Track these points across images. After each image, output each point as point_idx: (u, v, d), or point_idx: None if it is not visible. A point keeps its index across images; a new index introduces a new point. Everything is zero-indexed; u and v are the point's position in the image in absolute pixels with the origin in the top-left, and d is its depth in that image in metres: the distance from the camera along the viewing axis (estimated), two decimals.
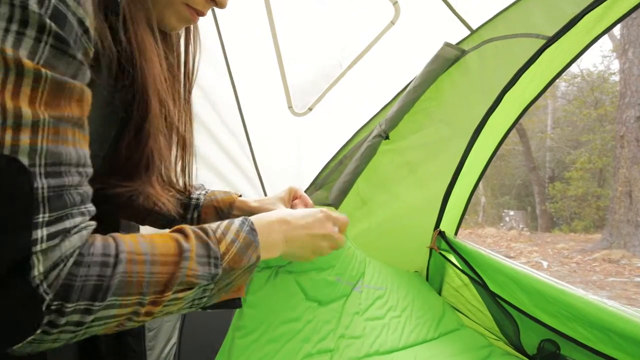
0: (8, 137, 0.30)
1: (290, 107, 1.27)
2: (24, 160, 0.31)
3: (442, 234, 1.29)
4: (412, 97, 1.22)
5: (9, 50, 0.29)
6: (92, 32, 0.35)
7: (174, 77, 0.58)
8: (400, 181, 1.37)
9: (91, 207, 0.38)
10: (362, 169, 1.38)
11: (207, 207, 0.74)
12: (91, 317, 0.35)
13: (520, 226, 8.68)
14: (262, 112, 1.15)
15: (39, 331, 0.33)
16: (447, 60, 1.16)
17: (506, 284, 1.09)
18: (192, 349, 1.14)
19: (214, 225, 0.47)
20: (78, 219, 0.36)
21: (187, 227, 0.45)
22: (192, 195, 0.74)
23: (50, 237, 0.33)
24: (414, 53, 1.19)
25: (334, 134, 1.36)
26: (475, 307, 1.22)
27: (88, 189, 0.38)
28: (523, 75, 1.01)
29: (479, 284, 1.16)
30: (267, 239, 0.51)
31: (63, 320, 0.34)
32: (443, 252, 1.30)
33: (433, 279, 1.37)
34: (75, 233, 0.35)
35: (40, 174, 0.32)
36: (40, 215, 0.32)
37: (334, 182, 1.45)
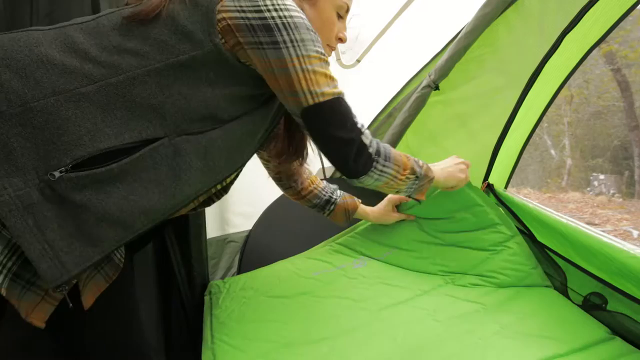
0: (337, 89, 0.67)
1: (338, 59, 1.30)
2: (343, 98, 0.69)
3: (490, 187, 1.27)
4: (464, 44, 1.18)
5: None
6: None
7: None
8: (450, 134, 1.35)
9: None
10: (410, 121, 1.38)
11: (339, 206, 1.10)
12: (384, 169, 0.74)
13: (611, 192, 7.80)
14: None
15: (372, 169, 0.73)
16: (504, 1, 1.09)
17: (554, 236, 1.07)
18: None
19: (413, 158, 0.83)
20: (360, 118, 0.71)
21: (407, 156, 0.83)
22: (332, 196, 1.10)
23: (362, 126, 0.71)
24: None
25: (383, 86, 1.37)
26: None
27: None
28: (586, 15, 0.93)
29: (526, 234, 1.15)
30: (434, 169, 0.88)
31: (377, 166, 0.73)
32: None
33: None
34: (365, 126, 0.72)
35: (346, 102, 0.69)
36: (355, 118, 0.70)
37: (383, 135, 1.47)
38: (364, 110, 1.43)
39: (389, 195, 1.16)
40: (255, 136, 0.74)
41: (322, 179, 1.14)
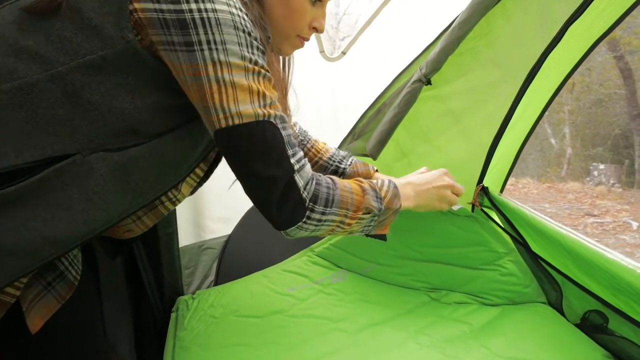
0: (265, 110, 0.54)
1: (321, 51, 1.20)
2: (274, 122, 0.55)
3: (484, 190, 1.18)
4: (458, 35, 1.07)
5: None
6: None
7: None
8: (443, 132, 1.26)
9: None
10: (401, 117, 1.28)
11: (349, 176, 0.97)
12: (324, 218, 0.60)
13: (611, 182, 7.73)
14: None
15: (303, 220, 0.58)
16: None
17: (551, 247, 0.99)
18: None
19: (374, 180, 0.70)
20: (301, 153, 0.59)
21: (361, 179, 0.69)
22: (340, 165, 0.98)
23: (297, 162, 0.57)
24: None
25: (371, 80, 1.27)
26: None
27: None
28: (592, 4, 0.83)
29: (520, 243, 1.06)
30: (403, 193, 0.72)
31: (313, 215, 0.59)
32: (485, 209, 1.20)
33: None
34: (306, 163, 0.60)
35: (281, 128, 0.56)
36: (289, 151, 0.56)
37: (372, 132, 1.38)
38: (351, 106, 1.33)
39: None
40: (196, 149, 0.63)
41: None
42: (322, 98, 1.32)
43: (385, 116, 1.32)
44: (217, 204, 1.20)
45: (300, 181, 0.57)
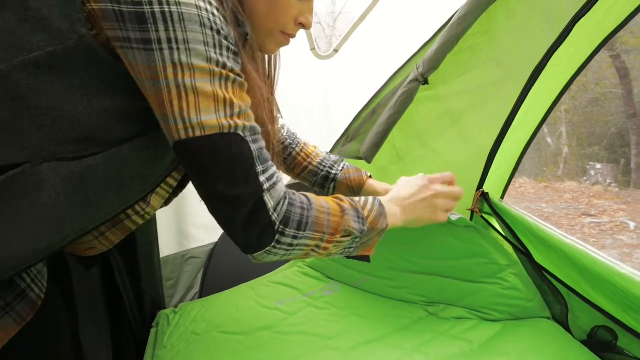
0: (233, 121, 0.47)
1: (313, 49, 1.13)
2: (243, 134, 0.49)
3: (485, 196, 1.12)
4: (457, 32, 1.01)
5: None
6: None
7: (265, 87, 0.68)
8: (441, 134, 1.20)
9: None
10: (396, 119, 1.22)
11: (341, 183, 0.90)
12: (296, 242, 0.54)
13: (608, 181, 7.73)
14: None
15: (272, 244, 0.51)
16: None
17: (556, 258, 0.93)
18: None
19: (357, 198, 0.63)
20: (274, 169, 0.53)
21: (342, 196, 0.62)
22: (331, 171, 0.90)
23: (267, 180, 0.51)
24: None
25: (365, 79, 1.20)
26: None
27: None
28: None
29: (523, 253, 1.00)
30: (389, 211, 0.65)
31: (283, 240, 0.52)
32: (485, 216, 1.14)
33: None
34: (279, 181, 0.53)
35: (251, 141, 0.50)
36: (258, 167, 0.50)
37: (367, 134, 1.31)
38: (343, 106, 1.27)
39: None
40: (164, 157, 0.57)
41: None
42: (314, 98, 1.25)
43: (380, 117, 1.26)
44: (202, 210, 1.12)
45: (270, 202, 0.51)
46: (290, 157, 0.91)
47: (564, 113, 9.94)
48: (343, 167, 0.92)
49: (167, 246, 1.10)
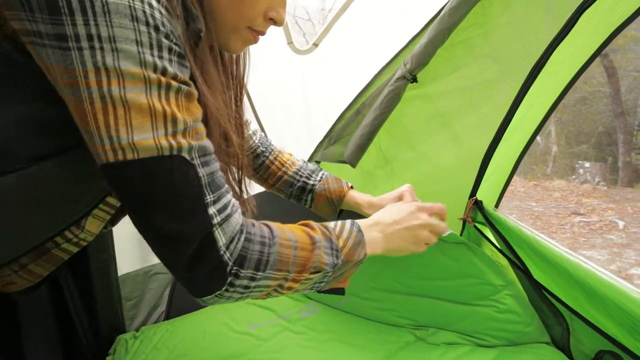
0: (176, 140, 0.38)
1: (290, 42, 1.02)
2: (188, 157, 0.39)
3: (478, 204, 1.03)
4: (448, 24, 0.91)
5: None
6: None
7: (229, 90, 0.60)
8: (431, 136, 1.11)
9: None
10: (383, 119, 1.12)
11: (320, 194, 0.81)
12: (254, 284, 0.45)
13: (596, 180, 7.80)
14: (255, 50, 0.94)
15: (223, 288, 0.43)
16: None
17: (557, 275, 0.84)
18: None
19: (331, 224, 0.55)
20: (229, 196, 0.44)
21: (313, 223, 0.54)
22: (308, 181, 0.82)
23: (219, 211, 0.42)
24: None
25: (349, 76, 1.10)
26: None
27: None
28: None
29: (520, 269, 0.91)
30: (369, 238, 0.58)
31: (237, 282, 0.44)
32: (478, 226, 1.05)
33: None
34: (234, 211, 0.44)
35: (200, 164, 0.40)
36: (208, 197, 0.41)
37: (351, 136, 1.22)
38: (325, 105, 1.16)
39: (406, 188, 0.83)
40: (99, 177, 0.46)
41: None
42: (292, 96, 1.15)
43: (365, 118, 1.16)
44: None
45: (221, 238, 0.41)
46: (262, 166, 0.81)
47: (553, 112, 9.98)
48: (322, 177, 0.83)
49: (127, 263, 0.98)
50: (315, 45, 1.02)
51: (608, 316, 0.76)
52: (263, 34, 0.53)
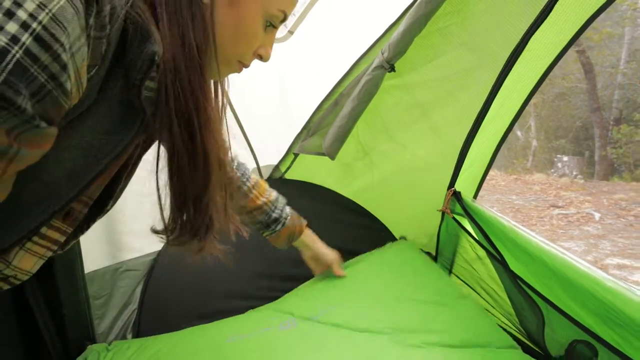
0: None
1: None
2: None
3: (456, 195, 1.02)
4: (425, 11, 0.89)
5: None
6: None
7: None
8: (409, 127, 1.09)
9: None
10: (360, 110, 1.10)
11: (287, 228, 0.87)
12: None
13: (574, 173, 7.98)
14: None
15: None
16: None
17: (533, 265, 0.84)
18: (155, 315, 1.01)
19: None
20: None
21: None
22: (282, 213, 0.87)
23: None
24: None
25: (325, 66, 1.07)
26: (491, 287, 0.98)
27: None
28: None
29: (497, 260, 0.91)
30: None
31: None
32: (457, 217, 1.04)
33: (443, 249, 1.13)
34: None
35: None
36: None
37: (329, 127, 1.19)
38: (302, 97, 1.13)
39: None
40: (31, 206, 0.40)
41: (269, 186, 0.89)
42: (268, 86, 1.11)
43: (343, 109, 1.13)
44: (139, 212, 0.95)
45: None
46: (241, 193, 0.81)
47: (532, 107, 10.18)
48: (289, 213, 0.89)
49: (94, 260, 0.93)
50: (291, 32, 0.99)
51: (583, 306, 0.76)
52: (248, 67, 0.54)
